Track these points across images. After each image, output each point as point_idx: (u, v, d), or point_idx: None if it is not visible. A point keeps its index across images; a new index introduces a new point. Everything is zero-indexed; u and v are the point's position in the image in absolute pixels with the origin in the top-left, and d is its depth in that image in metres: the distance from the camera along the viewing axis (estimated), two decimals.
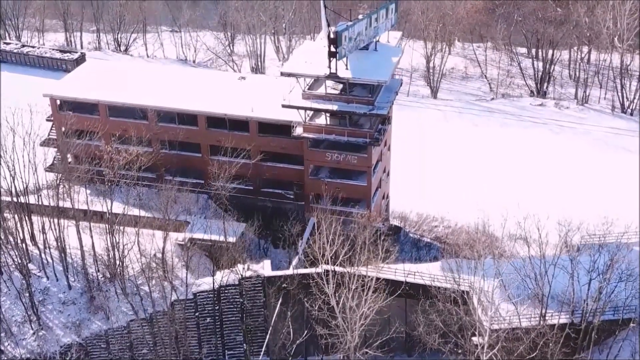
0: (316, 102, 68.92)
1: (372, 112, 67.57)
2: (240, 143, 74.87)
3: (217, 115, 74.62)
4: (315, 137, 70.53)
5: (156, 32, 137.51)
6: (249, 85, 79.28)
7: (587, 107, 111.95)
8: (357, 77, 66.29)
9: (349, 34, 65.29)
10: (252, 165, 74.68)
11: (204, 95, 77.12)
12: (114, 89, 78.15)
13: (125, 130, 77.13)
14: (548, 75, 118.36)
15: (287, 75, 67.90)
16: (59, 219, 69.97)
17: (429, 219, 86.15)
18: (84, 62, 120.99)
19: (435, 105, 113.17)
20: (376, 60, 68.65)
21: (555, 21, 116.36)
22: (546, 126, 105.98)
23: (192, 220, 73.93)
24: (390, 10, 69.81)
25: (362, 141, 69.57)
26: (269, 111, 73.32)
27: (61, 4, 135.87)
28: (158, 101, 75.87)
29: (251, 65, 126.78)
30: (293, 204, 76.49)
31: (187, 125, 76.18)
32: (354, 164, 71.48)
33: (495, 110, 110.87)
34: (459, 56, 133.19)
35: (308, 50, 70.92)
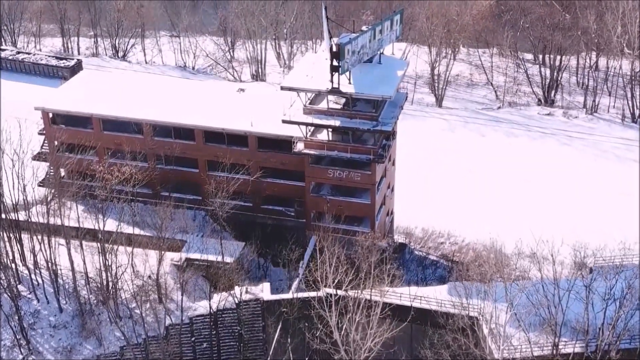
0: (318, 118, 66.04)
1: (376, 129, 64.68)
2: (239, 158, 72.13)
3: (214, 129, 71.77)
4: (317, 153, 67.62)
5: (155, 37, 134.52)
6: (248, 97, 76.46)
7: (597, 117, 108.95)
8: (361, 92, 63.41)
9: (352, 47, 62.41)
10: (252, 182, 71.86)
11: (202, 108, 74.30)
12: (109, 102, 75.32)
13: (119, 144, 74.35)
14: (556, 83, 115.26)
15: (287, 89, 65.00)
16: (49, 238, 67.23)
17: (435, 235, 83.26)
18: (80, 69, 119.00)
19: (440, 115, 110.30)
20: (380, 73, 65.76)
21: (564, 28, 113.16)
22: (555, 137, 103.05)
23: (188, 239, 71.09)
24: (395, 22, 66.89)
25: (366, 158, 66.70)
26: (269, 125, 70.48)
27: (58, 9, 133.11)
28: (153, 115, 73.03)
29: (251, 72, 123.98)
30: (294, 222, 73.63)
31: (183, 140, 73.34)
32: (357, 181, 68.61)
33: (502, 120, 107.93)
34: (464, 62, 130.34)
35: (309, 63, 68.03)
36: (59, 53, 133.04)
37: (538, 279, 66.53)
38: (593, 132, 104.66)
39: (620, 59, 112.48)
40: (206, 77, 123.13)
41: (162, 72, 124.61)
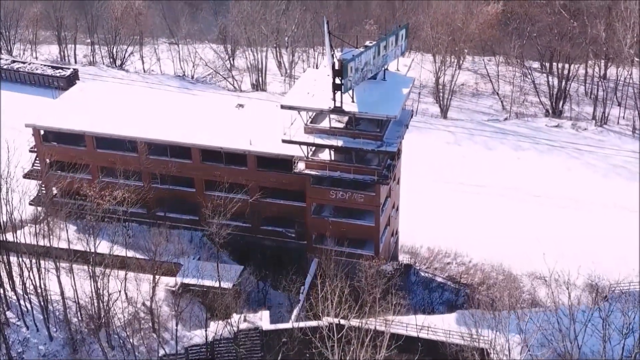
0: (319, 137, 63.12)
1: (380, 149, 61.75)
2: (238, 178, 69.37)
3: (212, 148, 68.90)
4: (319, 174, 64.70)
5: (153, 45, 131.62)
6: (247, 114, 73.60)
7: (606, 129, 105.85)
8: (365, 112, 60.49)
9: (356, 64, 59.52)
10: (250, 202, 68.98)
11: (199, 125, 71.45)
12: (102, 119, 72.48)
13: (113, 162, 71.52)
14: (564, 94, 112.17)
15: (287, 108, 62.10)
16: (39, 261, 64.35)
17: (441, 255, 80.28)
18: (76, 78, 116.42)
19: (445, 127, 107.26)
20: (385, 91, 62.84)
21: (572, 38, 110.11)
22: (563, 150, 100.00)
23: (184, 262, 68.25)
24: (400, 37, 63.98)
25: (370, 179, 63.77)
26: (269, 144, 67.62)
27: (54, 17, 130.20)
28: (149, 132, 70.18)
29: (252, 82, 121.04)
30: (294, 243, 70.75)
31: (180, 159, 70.46)
32: (360, 202, 65.71)
33: (509, 132, 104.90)
34: (469, 71, 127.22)
35: (310, 79, 65.14)
36: (56, 61, 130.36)
37: (550, 304, 64.04)
38: (603, 144, 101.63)
39: (631, 68, 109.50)
40: (205, 87, 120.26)
41: (160, 81, 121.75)
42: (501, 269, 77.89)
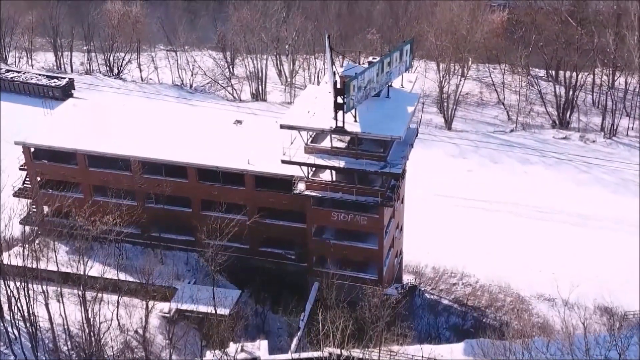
0: (320, 158, 60.35)
1: (384, 171, 58.96)
2: (236, 198, 66.69)
3: (208, 167, 66.17)
4: (320, 195, 61.93)
5: (151, 53, 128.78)
6: (245, 130, 70.88)
7: (615, 141, 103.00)
8: (368, 132, 57.73)
9: (358, 82, 56.75)
10: (249, 223, 66.27)
11: (195, 142, 68.72)
12: (95, 136, 69.76)
13: (106, 181, 68.89)
14: (571, 104, 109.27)
15: (287, 128, 59.31)
16: (27, 285, 61.53)
17: (447, 275, 77.58)
18: (72, 88, 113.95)
19: (449, 138, 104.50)
20: (389, 109, 60.08)
21: (579, 48, 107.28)
22: (572, 163, 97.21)
23: (179, 286, 65.53)
24: (404, 52, 61.19)
25: (373, 201, 61.00)
26: (268, 163, 64.85)
27: (50, 24, 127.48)
28: (143, 150, 67.45)
29: (251, 91, 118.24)
30: (294, 266, 68.00)
31: (175, 178, 67.71)
32: (363, 225, 62.95)
33: (516, 145, 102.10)
34: (474, 79, 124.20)
35: (311, 97, 62.36)
36: (52, 69, 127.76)
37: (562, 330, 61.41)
38: (612, 157, 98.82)
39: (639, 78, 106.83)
40: (204, 97, 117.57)
41: (157, 91, 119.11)
42: (509, 290, 75.29)
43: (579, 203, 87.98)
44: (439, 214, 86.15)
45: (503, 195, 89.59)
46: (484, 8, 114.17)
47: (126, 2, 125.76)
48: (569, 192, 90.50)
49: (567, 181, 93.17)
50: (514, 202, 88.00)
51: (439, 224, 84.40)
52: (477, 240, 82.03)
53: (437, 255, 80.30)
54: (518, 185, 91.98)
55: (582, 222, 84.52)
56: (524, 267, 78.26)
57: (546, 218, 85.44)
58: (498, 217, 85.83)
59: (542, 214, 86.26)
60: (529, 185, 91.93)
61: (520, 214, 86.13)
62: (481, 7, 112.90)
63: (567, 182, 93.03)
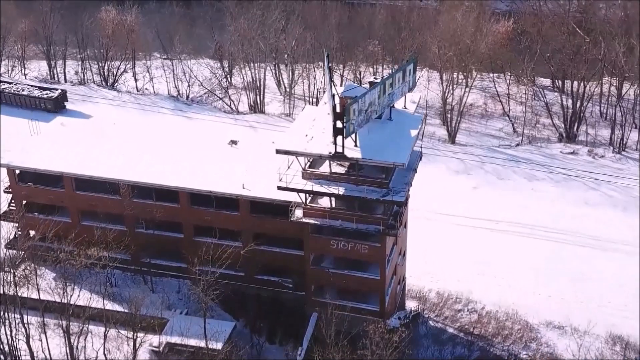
0: (319, 184, 57.08)
1: (386, 199, 55.70)
2: (230, 223, 63.52)
3: (201, 192, 62.92)
4: (318, 223, 58.65)
5: (146, 62, 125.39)
6: (240, 151, 67.67)
7: (625, 156, 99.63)
8: (369, 159, 54.46)
9: (359, 106, 53.49)
10: (243, 250, 63.05)
11: (187, 164, 65.52)
12: (83, 157, 66.62)
13: (94, 206, 65.73)
14: (578, 117, 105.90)
15: (283, 153, 56.07)
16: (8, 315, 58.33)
17: (451, 300, 74.16)
18: (65, 100, 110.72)
19: (453, 153, 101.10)
20: (391, 133, 56.81)
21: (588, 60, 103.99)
22: (580, 180, 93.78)
23: (170, 317, 62.32)
24: (407, 72, 57.91)
25: (374, 229, 57.73)
26: (264, 187, 61.63)
27: (43, 33, 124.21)
28: (132, 174, 64.24)
29: (249, 103, 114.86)
30: (292, 294, 64.80)
31: (166, 202, 64.53)
32: (364, 254, 59.69)
33: (522, 160, 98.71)
34: (478, 89, 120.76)
35: (309, 119, 59.10)
36: (45, 79, 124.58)
37: None
38: (622, 173, 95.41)
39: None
40: (201, 109, 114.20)
41: (153, 102, 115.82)
42: (517, 317, 71.85)
43: (588, 223, 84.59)
44: (443, 234, 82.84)
45: (509, 214, 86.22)
46: (488, 18, 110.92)
47: (121, 11, 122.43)
48: (577, 211, 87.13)
49: (575, 199, 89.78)
50: (521, 222, 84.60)
51: (442, 245, 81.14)
52: (482, 262, 78.73)
53: (440, 278, 77.07)
54: (525, 203, 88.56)
55: (593, 244, 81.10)
56: (532, 292, 74.99)
57: (555, 239, 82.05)
58: (504, 238, 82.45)
59: (550, 234, 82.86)
60: (536, 204, 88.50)
61: (527, 235, 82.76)
62: (486, 16, 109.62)
63: (575, 200, 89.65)
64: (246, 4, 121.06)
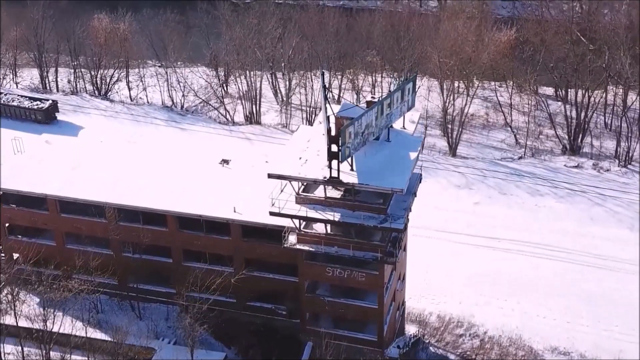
0: (313, 209, 54.23)
1: (384, 226, 52.83)
2: (221, 248, 60.72)
3: (189, 216, 60.08)
4: (313, 249, 55.80)
5: (139, 71, 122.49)
6: (232, 172, 64.84)
7: (631, 169, 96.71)
8: (366, 184, 51.60)
9: (355, 128, 50.66)
10: (235, 276, 60.26)
11: (176, 186, 62.69)
12: (68, 178, 63.84)
13: (79, 229, 62.94)
14: (583, 129, 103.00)
15: (275, 178, 53.23)
16: None
17: (453, 324, 71.37)
18: (56, 110, 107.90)
19: (454, 166, 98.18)
20: (389, 156, 53.96)
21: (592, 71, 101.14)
22: (585, 195, 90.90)
23: (158, 346, 59.50)
24: (406, 91, 55.07)
25: (372, 257, 54.88)
26: (256, 210, 58.81)
27: (35, 41, 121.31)
28: (118, 196, 61.39)
29: (245, 113, 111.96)
30: (286, 322, 61.97)
31: (154, 226, 61.71)
32: (361, 282, 56.83)
33: (525, 174, 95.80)
34: (479, 98, 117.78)
35: (303, 140, 56.23)
36: (37, 88, 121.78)
37: None
38: (628, 188, 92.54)
39: None
40: (195, 119, 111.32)
41: (146, 113, 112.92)
42: (520, 343, 69.12)
43: (594, 241, 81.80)
44: (444, 253, 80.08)
45: (512, 232, 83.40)
46: (490, 26, 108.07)
47: (114, 19, 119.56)
48: (583, 229, 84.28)
49: (580, 216, 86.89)
50: (524, 241, 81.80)
51: (443, 265, 78.37)
52: (484, 283, 76.04)
53: (441, 300, 74.40)
54: (528, 220, 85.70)
55: (599, 263, 78.31)
56: (536, 315, 72.28)
57: (559, 258, 79.27)
58: (507, 257, 79.63)
59: (555, 253, 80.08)
60: (539, 221, 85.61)
61: (531, 254, 79.92)
62: (487, 25, 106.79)
63: (580, 216, 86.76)
64: (242, 11, 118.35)
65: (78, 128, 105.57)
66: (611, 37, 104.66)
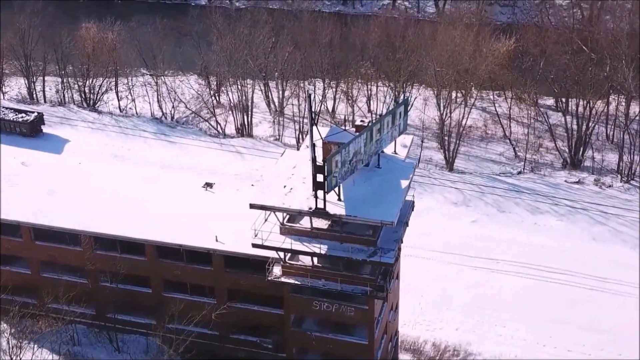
0: (299, 240, 51.04)
1: (373, 260, 49.64)
2: (202, 279, 57.57)
3: (169, 245, 56.89)
4: (299, 283, 52.61)
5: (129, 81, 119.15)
6: (215, 196, 61.65)
7: (634, 185, 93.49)
8: (354, 216, 48.37)
9: (342, 156, 47.50)
10: (217, 308, 57.11)
11: (156, 212, 59.51)
12: (44, 204, 60.68)
13: (55, 257, 59.80)
14: (584, 142, 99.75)
15: (258, 208, 50.04)
16: None
17: (449, 352, 68.26)
18: (41, 123, 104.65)
19: (451, 182, 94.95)
20: (380, 184, 50.77)
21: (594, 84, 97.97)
22: (586, 213, 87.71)
23: None
24: (398, 115, 51.90)
25: (361, 291, 51.69)
26: (240, 239, 55.57)
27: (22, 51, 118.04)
28: (94, 224, 58.24)
29: (236, 125, 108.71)
30: (272, 356, 58.77)
31: (132, 255, 58.51)
32: (350, 316, 53.65)
33: (524, 190, 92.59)
34: (478, 109, 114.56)
35: (288, 167, 53.02)
36: (25, 98, 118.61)
37: None
38: (631, 205, 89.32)
39: None
40: (185, 132, 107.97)
41: (135, 125, 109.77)
42: None
43: (596, 263, 78.64)
44: (440, 276, 77.01)
45: (511, 252, 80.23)
46: (488, 36, 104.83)
47: (102, 28, 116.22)
48: (584, 249, 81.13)
49: (582, 235, 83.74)
50: (524, 262, 78.60)
51: (439, 288, 75.34)
52: (482, 308, 73.00)
53: (437, 327, 71.41)
54: (528, 240, 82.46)
55: (602, 287, 75.17)
56: (536, 343, 69.20)
57: (560, 280, 76.13)
58: (505, 280, 76.54)
59: (556, 275, 76.86)
60: (539, 240, 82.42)
61: (530, 276, 76.77)
62: (485, 35, 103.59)
63: (582, 235, 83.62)
64: (234, 20, 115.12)
65: (64, 141, 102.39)
66: (612, 49, 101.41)
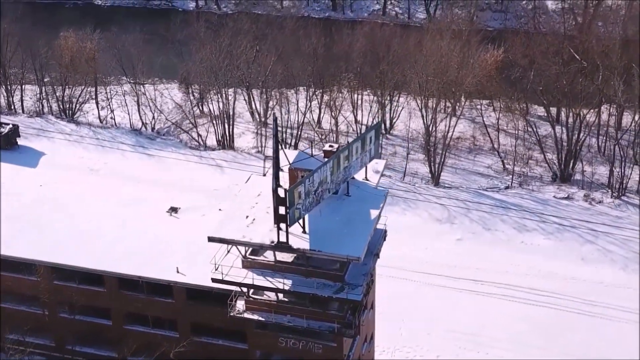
0: (261, 274, 48.02)
1: (339, 297, 46.60)
2: (164, 312, 54.59)
3: (128, 277, 53.84)
4: (263, 319, 49.59)
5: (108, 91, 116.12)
6: (180, 222, 58.59)
7: (625, 201, 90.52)
8: (318, 250, 45.32)
9: (306, 187, 44.47)
10: (180, 342, 54.04)
11: (116, 242, 56.37)
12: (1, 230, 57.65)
13: (10, 287, 56.74)
14: (574, 155, 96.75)
15: (217, 241, 47.00)
16: None
17: None
18: (17, 135, 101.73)
19: (436, 197, 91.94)
20: (348, 215, 47.73)
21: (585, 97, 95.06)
22: (575, 231, 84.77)
23: None
24: (368, 141, 48.86)
25: (328, 327, 48.66)
26: (203, 271, 52.31)
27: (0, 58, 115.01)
28: (51, 253, 55.16)
29: (217, 138, 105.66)
30: None
31: (91, 286, 55.48)
32: (318, 354, 50.60)
33: (511, 206, 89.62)
34: (466, 119, 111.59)
35: (252, 195, 49.95)
36: (2, 108, 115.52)
37: None
38: (621, 223, 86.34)
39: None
40: (164, 144, 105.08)
41: (113, 137, 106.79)
42: None
43: (585, 285, 75.75)
44: (422, 298, 74.12)
45: (497, 273, 77.23)
46: (476, 46, 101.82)
47: (80, 37, 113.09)
48: (573, 270, 78.17)
49: (570, 254, 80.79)
50: (509, 284, 75.68)
51: (421, 312, 72.41)
52: (466, 333, 70.04)
53: (418, 353, 68.84)
54: (514, 260, 79.49)
55: (591, 311, 72.13)
56: None
57: (548, 304, 73.17)
58: (490, 303, 73.54)
59: (543, 297, 73.94)
60: (526, 260, 79.46)
61: (517, 299, 73.83)
62: (472, 46, 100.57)
63: (570, 255, 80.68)
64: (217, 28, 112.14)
65: (39, 154, 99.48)
66: (603, 59, 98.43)
